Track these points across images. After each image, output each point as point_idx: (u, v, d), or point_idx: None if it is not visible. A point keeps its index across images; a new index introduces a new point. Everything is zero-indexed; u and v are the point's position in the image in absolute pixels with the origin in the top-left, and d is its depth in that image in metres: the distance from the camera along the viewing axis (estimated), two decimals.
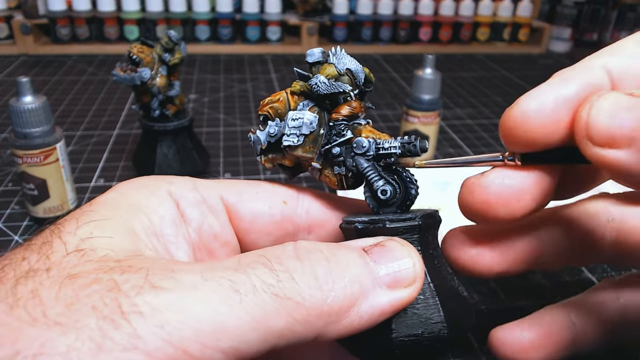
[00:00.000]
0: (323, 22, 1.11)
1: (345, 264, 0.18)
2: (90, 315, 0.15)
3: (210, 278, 0.16)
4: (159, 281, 0.16)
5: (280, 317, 0.16)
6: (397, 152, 0.21)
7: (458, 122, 0.77)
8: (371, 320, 0.18)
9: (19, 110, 0.43)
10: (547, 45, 1.21)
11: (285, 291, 0.17)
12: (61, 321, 0.15)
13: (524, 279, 0.43)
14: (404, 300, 0.19)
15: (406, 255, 0.20)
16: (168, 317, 0.15)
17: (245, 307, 0.16)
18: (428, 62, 0.57)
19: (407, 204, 0.22)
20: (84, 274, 0.16)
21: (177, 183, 0.23)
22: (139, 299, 0.15)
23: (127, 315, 0.15)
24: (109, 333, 0.15)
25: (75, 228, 0.19)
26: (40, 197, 0.46)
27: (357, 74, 0.22)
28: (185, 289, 0.16)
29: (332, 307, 0.17)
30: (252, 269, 0.17)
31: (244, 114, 0.77)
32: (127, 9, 1.03)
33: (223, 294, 0.16)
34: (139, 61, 0.48)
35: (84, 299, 0.15)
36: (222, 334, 0.16)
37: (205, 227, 0.23)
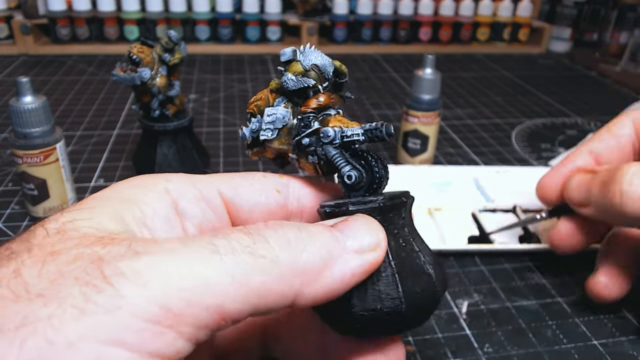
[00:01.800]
0: (323, 22, 1.11)
1: (314, 233, 0.20)
2: (73, 285, 0.15)
3: (191, 244, 0.17)
4: (141, 248, 0.16)
5: (258, 275, 0.17)
6: (360, 139, 0.23)
7: (458, 122, 0.77)
8: (343, 283, 0.19)
9: (19, 110, 0.43)
10: (547, 45, 1.21)
11: (260, 251, 0.18)
12: (44, 294, 0.15)
13: (523, 278, 0.43)
14: (372, 262, 0.20)
15: (368, 226, 0.21)
16: (151, 277, 0.15)
17: (225, 265, 0.17)
18: (428, 62, 0.57)
19: (375, 187, 0.23)
20: (66, 249, 0.16)
21: (175, 181, 0.23)
22: (121, 264, 0.15)
23: (110, 279, 0.15)
24: (92, 297, 0.14)
25: (60, 216, 0.19)
26: (40, 197, 0.46)
27: (325, 68, 0.23)
28: (166, 252, 0.16)
29: (305, 266, 0.18)
30: (230, 234, 0.18)
31: (244, 114, 0.77)
32: (127, 9, 1.03)
33: (204, 254, 0.17)
34: (139, 61, 0.48)
35: (66, 273, 0.15)
36: (204, 291, 0.16)
37: (205, 222, 0.23)
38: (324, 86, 0.24)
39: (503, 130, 0.74)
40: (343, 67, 0.24)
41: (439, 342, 0.36)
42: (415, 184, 0.54)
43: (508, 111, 0.82)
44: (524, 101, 0.87)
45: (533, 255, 0.45)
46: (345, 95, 0.25)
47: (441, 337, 0.36)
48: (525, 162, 0.65)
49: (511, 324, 0.38)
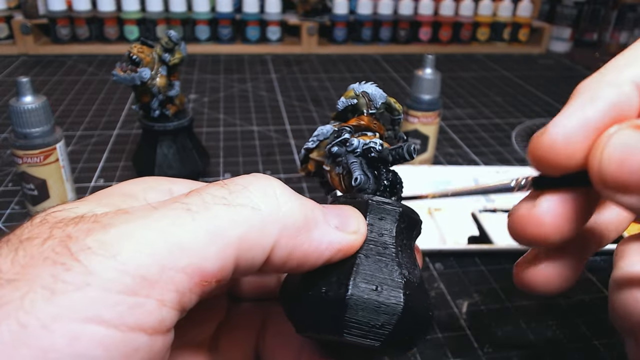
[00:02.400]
0: (323, 22, 1.11)
1: (299, 195, 0.19)
2: (42, 267, 0.14)
3: (161, 206, 0.16)
4: (109, 220, 0.16)
5: (236, 225, 0.16)
6: (377, 148, 0.24)
7: (458, 122, 0.77)
8: (318, 251, 0.19)
9: (19, 110, 0.43)
10: (547, 45, 1.21)
11: (239, 200, 0.17)
12: (15, 278, 0.14)
13: None
14: (350, 243, 0.20)
15: (352, 214, 0.21)
16: (120, 248, 0.15)
17: (198, 222, 0.16)
18: (428, 62, 0.57)
19: (377, 194, 0.24)
20: (39, 234, 0.16)
21: (179, 184, 0.23)
22: (88, 239, 0.15)
23: (77, 255, 0.14)
24: (60, 276, 0.14)
25: (50, 209, 0.18)
26: (40, 197, 0.46)
27: (374, 97, 0.26)
28: (135, 220, 0.16)
29: (286, 217, 0.18)
30: (204, 189, 0.17)
31: (244, 114, 0.77)
32: (127, 9, 1.03)
33: (175, 215, 0.16)
34: (139, 61, 0.48)
35: (37, 255, 0.15)
36: (178, 252, 0.15)
37: None
38: (370, 112, 0.26)
39: (503, 130, 0.74)
40: (397, 105, 0.26)
41: (439, 342, 0.36)
42: (415, 184, 0.54)
43: (508, 111, 0.82)
44: (524, 101, 0.87)
45: None
46: (399, 134, 0.27)
47: (441, 337, 0.36)
48: (525, 162, 0.65)
49: (511, 324, 0.38)
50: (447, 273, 0.43)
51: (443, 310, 0.39)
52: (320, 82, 0.93)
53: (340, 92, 0.87)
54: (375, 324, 0.20)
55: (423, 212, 0.50)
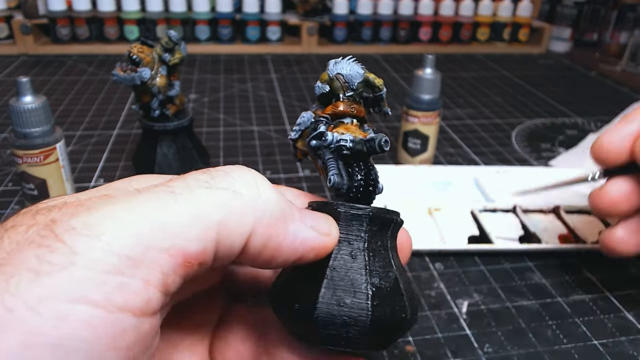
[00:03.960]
0: (323, 22, 1.11)
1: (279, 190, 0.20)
2: (27, 250, 0.14)
3: (145, 190, 0.16)
4: (93, 203, 0.16)
5: (217, 209, 0.17)
6: (348, 145, 0.23)
7: (458, 122, 0.77)
8: (292, 247, 0.19)
9: (19, 110, 0.43)
10: (547, 45, 1.21)
11: (221, 184, 0.17)
12: (1, 264, 0.14)
13: (524, 278, 0.43)
14: (324, 244, 0.20)
15: (326, 219, 0.21)
16: (104, 228, 0.15)
17: (181, 204, 0.16)
18: (428, 62, 0.57)
19: (352, 194, 0.23)
20: (23, 222, 0.16)
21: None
22: (72, 221, 0.15)
23: (62, 237, 0.14)
24: (45, 257, 0.14)
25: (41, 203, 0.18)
26: (40, 197, 0.46)
27: (349, 78, 0.24)
28: (120, 202, 0.16)
29: (265, 205, 0.18)
30: (188, 174, 0.18)
31: (244, 114, 0.77)
32: (127, 9, 1.03)
33: (158, 197, 0.16)
34: (139, 61, 0.48)
35: (22, 241, 0.15)
36: (161, 233, 0.15)
37: None
38: (347, 95, 0.24)
39: (503, 130, 0.74)
40: (377, 80, 0.25)
41: (439, 342, 0.36)
42: (415, 184, 0.54)
43: (508, 111, 0.82)
44: (524, 101, 0.87)
45: (533, 255, 0.45)
46: (384, 110, 0.25)
47: (441, 337, 0.36)
48: (525, 162, 0.65)
49: (511, 324, 0.38)
50: (447, 273, 0.43)
51: (443, 310, 0.39)
52: None
53: None
54: (347, 335, 0.20)
55: (423, 212, 0.50)
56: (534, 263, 0.45)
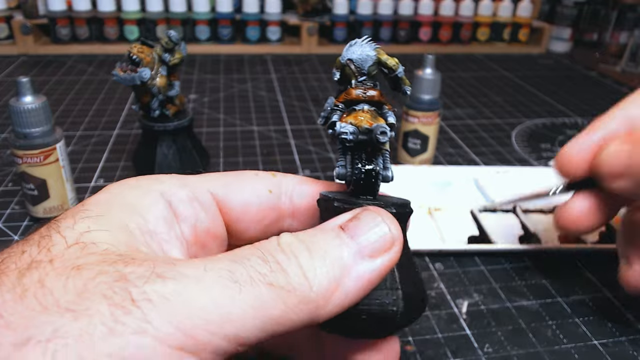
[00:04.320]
0: (323, 22, 1.11)
1: (324, 249, 0.19)
2: (101, 303, 0.15)
3: (210, 269, 0.17)
4: (164, 272, 0.17)
5: (276, 306, 0.18)
6: (348, 138, 0.22)
7: (458, 122, 0.77)
8: (360, 292, 0.20)
9: (19, 110, 0.43)
10: (547, 45, 1.21)
11: (278, 281, 0.18)
12: (73, 308, 0.15)
13: (524, 278, 0.43)
14: (387, 264, 0.20)
15: (381, 222, 0.21)
16: (176, 306, 0.16)
17: (244, 296, 0.17)
18: (428, 62, 0.57)
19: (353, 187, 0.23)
20: (89, 265, 0.17)
21: (167, 182, 0.23)
22: (147, 288, 0.16)
23: (138, 303, 0.16)
24: (120, 318, 0.15)
25: (73, 223, 0.19)
26: (40, 197, 0.46)
27: (360, 63, 0.24)
28: (189, 280, 0.17)
29: (318, 293, 0.19)
30: (247, 259, 0.18)
31: (244, 114, 0.77)
32: (127, 9, 1.03)
33: (223, 284, 0.17)
34: (139, 61, 0.48)
35: (92, 289, 0.16)
36: (226, 322, 0.16)
37: (199, 223, 0.23)
38: (360, 80, 0.24)
39: (503, 130, 0.74)
40: (389, 61, 0.24)
41: (439, 342, 0.36)
42: (415, 184, 0.54)
43: (508, 111, 0.82)
44: (524, 101, 0.87)
45: (533, 255, 0.45)
46: (403, 89, 0.24)
47: (441, 337, 0.36)
48: (525, 162, 0.65)
49: (511, 324, 0.38)
50: (447, 273, 0.43)
51: (443, 310, 0.39)
52: (320, 82, 0.93)
53: None
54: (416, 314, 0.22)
55: (423, 212, 0.50)
56: (534, 263, 0.45)
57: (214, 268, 0.17)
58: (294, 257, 0.19)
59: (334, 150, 0.66)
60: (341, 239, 0.20)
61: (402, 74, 0.24)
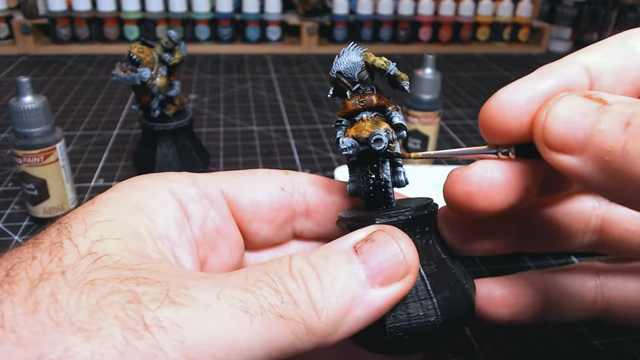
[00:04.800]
0: (323, 22, 1.11)
1: (334, 275, 0.19)
2: (114, 325, 0.15)
3: (223, 296, 0.17)
4: (177, 297, 0.17)
5: (284, 336, 0.18)
6: (349, 153, 0.22)
7: (458, 122, 0.77)
8: (368, 320, 0.19)
9: (19, 110, 0.43)
10: (547, 45, 1.21)
11: (288, 313, 0.18)
12: (85, 327, 0.15)
13: None
14: (398, 294, 0.19)
15: (395, 247, 0.20)
16: (187, 333, 0.16)
17: (255, 326, 0.17)
18: (428, 62, 0.57)
19: (369, 200, 0.23)
20: (102, 281, 0.17)
21: (177, 180, 0.23)
22: (159, 313, 0.16)
23: (150, 328, 0.16)
24: (132, 342, 0.15)
25: (84, 230, 0.19)
26: (40, 197, 0.46)
27: (348, 72, 0.23)
28: (201, 307, 0.17)
29: (326, 324, 0.18)
30: (258, 289, 0.18)
31: (244, 114, 0.77)
32: (127, 9, 1.03)
33: (235, 313, 0.17)
34: (139, 61, 0.48)
35: (105, 308, 0.16)
36: (234, 350, 0.17)
37: (208, 222, 0.23)
38: (354, 89, 0.23)
39: None
40: (377, 62, 0.23)
41: None
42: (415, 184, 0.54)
43: None
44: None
45: (533, 255, 0.45)
46: (401, 85, 0.23)
47: None
48: None
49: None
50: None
51: None
52: (320, 82, 0.93)
53: None
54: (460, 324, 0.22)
55: None
56: (534, 263, 0.45)
57: (226, 296, 0.18)
58: (304, 287, 0.19)
59: (334, 150, 0.66)
60: (352, 264, 0.19)
61: (395, 70, 0.23)
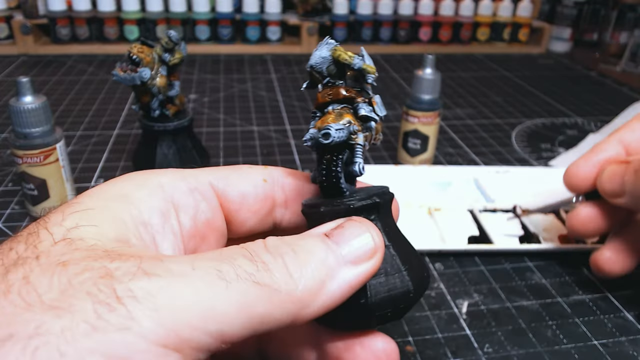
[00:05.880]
0: (323, 22, 1.11)
1: (309, 251, 0.20)
2: (85, 300, 0.15)
3: (198, 267, 0.17)
4: (151, 269, 0.17)
5: (261, 303, 0.18)
6: (308, 144, 0.23)
7: (458, 122, 0.77)
8: (342, 296, 0.20)
9: (19, 110, 0.43)
10: (547, 45, 1.21)
11: (264, 280, 0.18)
12: (56, 305, 0.15)
13: (524, 278, 0.43)
14: (369, 271, 0.21)
15: (364, 231, 0.21)
16: (161, 302, 0.16)
17: (230, 293, 0.17)
18: (428, 62, 0.57)
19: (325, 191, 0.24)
20: (75, 261, 0.16)
21: (167, 175, 0.23)
22: (132, 285, 0.16)
23: (123, 300, 0.15)
24: (104, 315, 0.15)
25: (61, 219, 0.19)
26: (40, 197, 0.46)
27: (318, 67, 0.23)
28: (176, 276, 0.17)
29: (303, 292, 0.19)
30: (234, 259, 0.18)
31: (244, 114, 0.77)
32: (127, 9, 1.03)
33: (210, 280, 0.17)
34: (139, 61, 0.48)
35: (77, 286, 0.16)
36: (210, 317, 0.16)
37: (200, 214, 0.24)
38: (325, 82, 0.24)
39: (503, 130, 0.74)
40: (342, 56, 0.23)
41: (439, 342, 0.36)
42: (415, 184, 0.54)
43: (508, 111, 0.82)
44: (524, 101, 0.87)
45: (533, 255, 0.45)
46: (366, 78, 0.23)
47: (441, 337, 0.36)
48: (525, 162, 0.65)
49: (511, 324, 0.38)
50: (447, 273, 0.43)
51: (443, 310, 0.39)
52: None
53: None
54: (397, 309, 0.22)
55: (423, 212, 0.50)
56: (534, 263, 0.45)
57: (201, 266, 0.17)
58: (280, 258, 0.19)
59: None
60: (326, 244, 0.20)
61: (360, 64, 0.23)
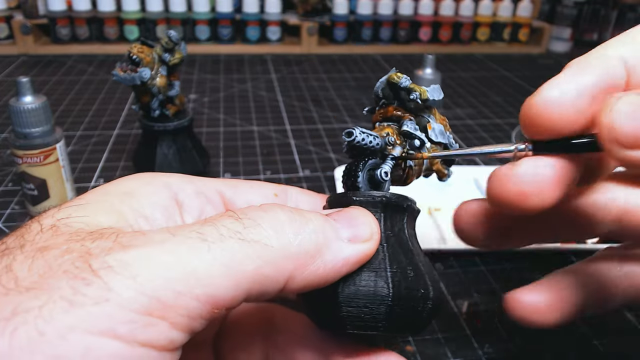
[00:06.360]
0: (323, 22, 1.11)
1: (308, 217, 0.19)
2: (62, 278, 0.15)
3: (178, 233, 0.17)
4: (128, 241, 0.16)
5: (250, 260, 0.17)
6: (344, 149, 0.25)
7: (458, 122, 0.77)
8: (335, 270, 0.19)
9: (19, 110, 0.43)
10: (547, 45, 1.21)
11: (252, 235, 0.17)
12: (33, 287, 0.15)
13: (523, 278, 0.43)
14: (365, 252, 0.20)
15: (363, 216, 0.21)
16: (139, 269, 0.15)
17: (213, 253, 0.16)
18: (428, 62, 0.57)
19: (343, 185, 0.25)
20: (56, 245, 0.16)
21: (175, 177, 0.23)
22: (108, 257, 0.15)
23: (98, 272, 0.15)
24: (81, 289, 0.15)
25: (56, 212, 0.19)
26: (40, 197, 0.46)
27: (376, 92, 0.27)
28: (154, 244, 0.16)
29: (299, 250, 0.18)
30: (219, 219, 0.18)
31: (244, 114, 0.77)
32: (127, 9, 1.03)
33: (191, 244, 0.16)
34: (139, 61, 0.48)
35: (55, 267, 0.15)
36: (193, 281, 0.16)
37: (204, 216, 0.23)
38: (380, 104, 0.27)
39: (503, 130, 0.74)
40: (392, 77, 0.26)
41: (439, 342, 0.36)
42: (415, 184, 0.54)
43: (508, 111, 0.82)
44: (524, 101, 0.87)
45: (533, 255, 0.45)
46: (412, 95, 0.26)
47: (441, 337, 0.36)
48: None
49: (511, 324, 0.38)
50: (447, 273, 0.43)
51: (443, 310, 0.39)
52: (320, 82, 0.93)
53: (340, 92, 0.87)
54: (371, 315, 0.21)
55: (423, 212, 0.50)
56: (534, 263, 0.45)
57: (182, 231, 0.17)
58: (274, 214, 0.18)
59: (334, 150, 0.66)
60: (326, 218, 0.20)
61: (406, 83, 0.26)
